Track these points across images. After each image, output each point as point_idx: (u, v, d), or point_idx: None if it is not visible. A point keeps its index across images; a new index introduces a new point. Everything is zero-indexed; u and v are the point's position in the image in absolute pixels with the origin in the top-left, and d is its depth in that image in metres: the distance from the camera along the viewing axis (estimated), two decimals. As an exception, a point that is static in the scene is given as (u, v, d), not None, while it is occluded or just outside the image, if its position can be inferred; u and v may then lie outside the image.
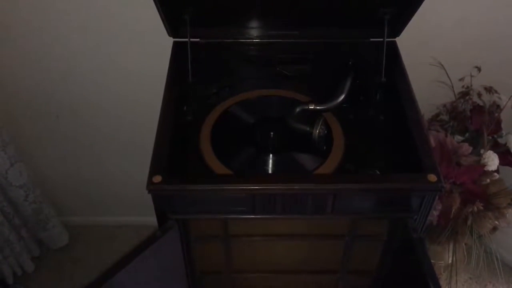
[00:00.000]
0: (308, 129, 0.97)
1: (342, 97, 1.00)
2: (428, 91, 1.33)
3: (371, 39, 1.08)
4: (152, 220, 0.89)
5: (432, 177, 0.82)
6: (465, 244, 1.37)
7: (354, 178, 0.88)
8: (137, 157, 1.41)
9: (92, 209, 1.81)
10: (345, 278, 1.09)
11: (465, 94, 1.33)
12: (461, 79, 1.31)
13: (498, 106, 1.28)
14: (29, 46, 1.27)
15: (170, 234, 0.89)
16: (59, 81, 1.35)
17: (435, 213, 1.20)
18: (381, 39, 1.05)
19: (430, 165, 0.84)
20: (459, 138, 1.34)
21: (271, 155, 0.97)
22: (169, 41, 1.08)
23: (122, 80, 1.33)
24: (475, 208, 1.15)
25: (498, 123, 1.31)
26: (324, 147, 0.97)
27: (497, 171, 1.25)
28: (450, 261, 1.42)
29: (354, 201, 0.88)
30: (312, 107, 0.99)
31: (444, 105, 1.37)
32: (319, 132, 0.95)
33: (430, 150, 0.86)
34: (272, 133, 1.00)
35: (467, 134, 1.35)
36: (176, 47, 1.08)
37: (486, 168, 1.21)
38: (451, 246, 1.38)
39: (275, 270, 1.09)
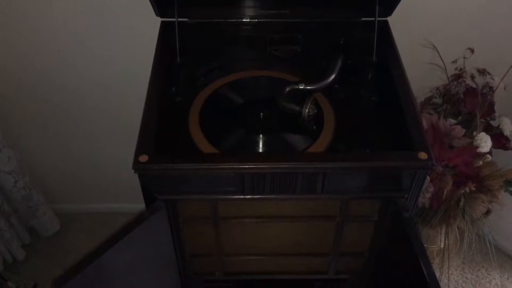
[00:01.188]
0: (298, 108, 0.95)
1: (333, 77, 0.99)
2: (421, 74, 1.31)
3: (363, 19, 1.07)
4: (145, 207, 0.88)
5: (423, 155, 0.81)
6: (458, 228, 1.36)
7: (344, 156, 0.87)
8: (129, 141, 1.38)
9: (84, 196, 1.79)
10: (336, 260, 1.08)
11: (458, 76, 1.32)
12: (454, 61, 1.30)
13: (491, 87, 1.27)
14: (16, 28, 1.25)
15: (157, 215, 0.88)
16: (47, 65, 1.33)
17: (427, 195, 1.20)
18: (373, 19, 1.04)
19: (421, 143, 0.83)
20: (452, 121, 1.33)
21: (260, 135, 0.96)
22: (156, 21, 1.06)
23: (110, 62, 1.31)
24: (468, 189, 1.14)
25: (491, 105, 1.30)
26: (314, 127, 0.96)
27: (489, 153, 1.24)
28: (442, 246, 1.42)
29: (344, 181, 0.86)
30: (302, 87, 0.97)
31: (437, 88, 1.36)
32: (308, 111, 0.94)
33: (421, 128, 0.85)
34: (261, 113, 0.99)
35: (460, 117, 1.34)
36: (163, 27, 1.07)
37: (478, 150, 1.20)
38: (443, 230, 1.37)
39: (265, 253, 1.08)
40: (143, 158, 0.81)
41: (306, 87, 0.98)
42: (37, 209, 1.62)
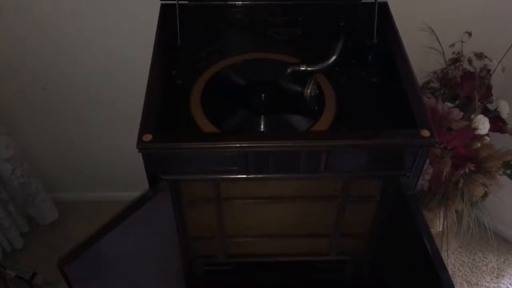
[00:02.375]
0: (299, 89, 0.95)
1: (334, 58, 0.99)
2: (419, 58, 1.31)
3: (363, 0, 1.07)
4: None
5: (426, 132, 0.82)
6: (456, 212, 1.37)
7: (348, 134, 0.87)
8: (129, 129, 1.38)
9: (83, 184, 1.79)
10: (337, 241, 1.09)
11: (455, 60, 1.33)
12: (452, 45, 1.31)
13: (488, 70, 1.28)
14: (13, 15, 1.24)
15: (161, 196, 0.88)
16: (45, 50, 1.32)
17: (426, 177, 1.20)
18: (373, 0, 1.04)
19: (423, 120, 0.83)
20: (449, 105, 1.34)
21: (262, 116, 0.96)
22: (156, 4, 1.05)
23: (109, 47, 1.30)
24: (467, 170, 1.16)
25: (488, 88, 1.31)
26: (316, 108, 0.96)
27: (487, 136, 1.25)
28: (440, 229, 1.43)
29: (347, 159, 0.87)
30: (303, 68, 0.98)
31: (435, 72, 1.37)
32: (310, 92, 0.94)
33: (423, 106, 0.86)
34: (263, 94, 0.99)
35: (457, 101, 1.35)
36: (163, 9, 1.06)
37: (477, 132, 1.21)
38: (442, 213, 1.38)
39: (267, 234, 1.08)
40: (147, 137, 0.81)
41: (307, 68, 0.98)
42: (35, 197, 1.61)
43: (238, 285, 1.26)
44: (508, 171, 1.31)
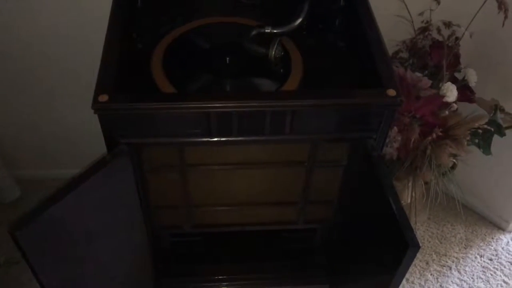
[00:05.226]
0: (264, 51, 0.93)
1: (299, 20, 0.97)
2: (388, 27, 1.28)
3: (329, -37, 1.05)
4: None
5: (391, 92, 0.80)
6: (426, 183, 1.37)
7: (313, 94, 0.85)
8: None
9: (47, 161, 1.73)
10: (305, 208, 1.07)
11: (424, 29, 1.32)
12: (421, 14, 1.29)
13: (457, 38, 1.28)
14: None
15: (120, 160, 0.84)
16: (2, 17, 1.25)
17: (395, 145, 1.20)
18: (340, -37, 1.02)
19: (389, 80, 0.82)
20: (418, 75, 1.33)
21: (227, 80, 0.93)
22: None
23: (65, 9, 1.24)
24: (434, 135, 1.15)
25: (456, 57, 1.30)
26: (282, 70, 0.93)
27: (455, 103, 1.25)
28: (409, 201, 1.43)
29: (313, 120, 0.85)
30: (269, 30, 0.95)
31: (404, 42, 1.36)
32: (275, 53, 0.91)
33: (389, 66, 0.85)
34: (227, 58, 0.96)
35: (426, 71, 1.34)
36: (123, -31, 1.01)
37: (444, 99, 1.20)
38: (410, 183, 1.38)
39: (234, 203, 1.06)
40: (103, 97, 0.77)
41: (272, 31, 0.95)
42: (-4, 174, 1.56)
43: (205, 257, 1.23)
44: (476, 140, 1.31)
